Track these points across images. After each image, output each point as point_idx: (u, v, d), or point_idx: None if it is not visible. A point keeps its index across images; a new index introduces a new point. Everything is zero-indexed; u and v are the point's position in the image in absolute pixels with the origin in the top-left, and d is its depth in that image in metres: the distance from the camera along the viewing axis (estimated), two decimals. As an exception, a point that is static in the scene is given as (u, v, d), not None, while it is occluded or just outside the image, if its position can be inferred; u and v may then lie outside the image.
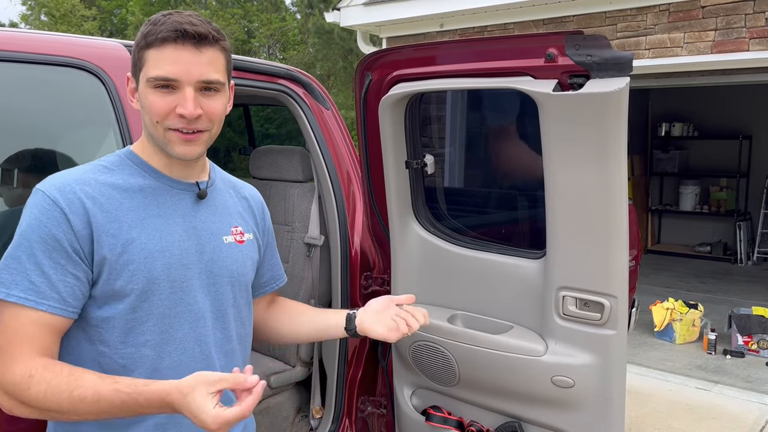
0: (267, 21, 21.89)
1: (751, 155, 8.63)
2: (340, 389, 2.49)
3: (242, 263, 1.43)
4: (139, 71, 1.25)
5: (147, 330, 1.26)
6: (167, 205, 1.31)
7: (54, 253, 1.18)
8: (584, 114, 1.57)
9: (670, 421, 3.92)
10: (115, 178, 1.28)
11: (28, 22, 24.35)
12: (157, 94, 1.23)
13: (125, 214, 1.25)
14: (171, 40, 1.20)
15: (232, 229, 1.42)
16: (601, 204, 1.64)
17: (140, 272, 1.24)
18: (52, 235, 1.18)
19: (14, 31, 1.82)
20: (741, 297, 6.70)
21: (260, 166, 2.86)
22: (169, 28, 1.20)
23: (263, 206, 1.59)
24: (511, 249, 1.98)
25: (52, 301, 1.18)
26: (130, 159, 1.32)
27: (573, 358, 1.78)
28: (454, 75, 1.86)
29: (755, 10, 4.86)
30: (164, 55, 1.21)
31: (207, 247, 1.34)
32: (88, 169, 1.28)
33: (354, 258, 2.46)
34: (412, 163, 2.08)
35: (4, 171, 1.73)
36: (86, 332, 1.25)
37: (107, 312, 1.24)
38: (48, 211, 1.19)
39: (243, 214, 1.48)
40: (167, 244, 1.28)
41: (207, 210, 1.37)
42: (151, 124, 1.26)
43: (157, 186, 1.31)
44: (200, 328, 1.33)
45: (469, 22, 6.33)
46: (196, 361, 1.31)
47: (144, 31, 1.24)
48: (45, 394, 1.14)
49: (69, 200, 1.20)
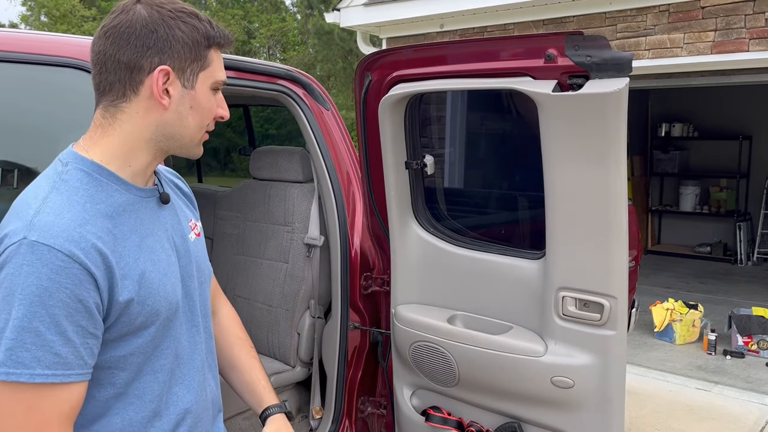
0: (267, 22, 21.90)
1: (751, 155, 8.63)
2: (340, 390, 2.49)
3: (205, 257, 1.38)
4: (201, 70, 1.16)
5: (163, 354, 1.20)
6: (146, 219, 1.19)
7: (77, 316, 1.02)
8: (584, 114, 1.57)
9: (670, 422, 3.91)
10: (97, 203, 1.11)
11: (28, 23, 24.37)
12: (213, 96, 1.21)
13: (124, 246, 1.12)
14: (226, 46, 1.22)
15: (189, 224, 1.34)
16: (600, 204, 1.64)
17: (159, 303, 1.15)
18: (77, 298, 1.02)
19: (14, 31, 1.82)
20: (741, 297, 6.69)
21: (260, 166, 2.86)
22: (225, 36, 1.20)
23: (185, 182, 1.49)
24: (510, 249, 1.98)
25: (78, 369, 1.04)
26: (99, 173, 1.13)
27: (573, 358, 1.78)
28: (454, 75, 1.87)
29: (755, 10, 4.86)
30: (220, 58, 1.21)
31: (182, 252, 1.27)
32: (69, 200, 1.08)
33: (354, 258, 2.46)
34: (411, 163, 2.08)
35: (4, 171, 1.73)
36: (93, 379, 1.11)
37: (124, 350, 1.13)
38: (66, 270, 1.01)
39: (188, 204, 1.41)
40: (165, 264, 1.19)
41: (169, 212, 1.28)
42: (200, 126, 1.19)
43: (132, 200, 1.17)
44: (196, 335, 1.30)
45: (469, 23, 6.34)
46: (196, 369, 1.29)
47: (204, 30, 1.15)
48: None
49: (86, 251, 1.04)
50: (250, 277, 2.85)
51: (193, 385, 1.26)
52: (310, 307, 2.67)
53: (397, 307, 2.19)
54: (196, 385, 1.27)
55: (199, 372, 1.29)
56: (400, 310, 2.17)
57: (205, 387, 1.31)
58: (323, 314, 2.70)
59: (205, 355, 1.34)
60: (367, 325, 2.49)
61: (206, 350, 1.34)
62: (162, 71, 1.11)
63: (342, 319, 2.46)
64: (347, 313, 2.46)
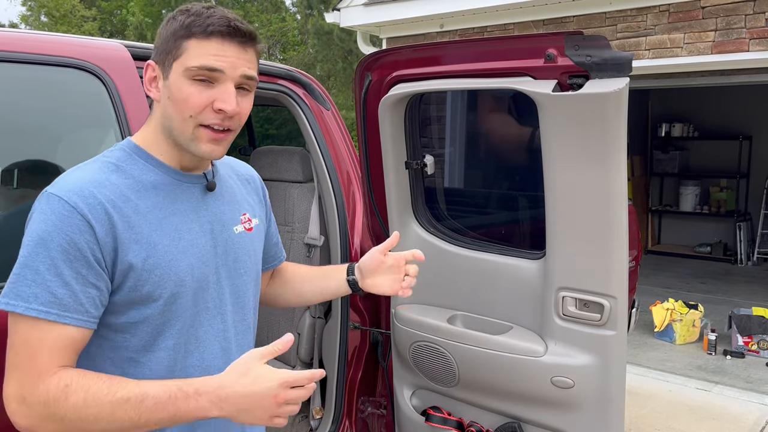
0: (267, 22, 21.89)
1: (751, 155, 8.63)
2: (340, 390, 2.49)
3: (253, 252, 1.41)
4: (175, 60, 1.19)
5: (175, 332, 1.24)
6: (180, 201, 1.26)
7: (76, 263, 1.11)
8: (584, 114, 1.57)
9: (670, 422, 3.91)
10: (127, 177, 1.21)
11: (28, 23, 24.36)
12: (195, 86, 1.18)
13: (144, 217, 1.19)
14: (219, 33, 1.17)
15: (241, 217, 1.39)
16: (600, 204, 1.64)
17: (167, 276, 1.20)
18: (74, 245, 1.11)
19: (14, 31, 1.82)
20: (741, 297, 6.69)
21: (260, 166, 2.86)
22: (221, 22, 1.17)
23: (262, 182, 1.58)
24: (510, 249, 1.98)
25: (76, 314, 1.12)
26: (137, 154, 1.25)
27: (573, 358, 1.78)
28: (454, 75, 1.87)
29: (755, 10, 4.86)
30: (210, 46, 1.17)
31: (220, 240, 1.32)
32: (98, 168, 1.21)
33: (354, 258, 2.46)
34: (411, 163, 2.08)
35: (4, 171, 1.73)
36: (109, 339, 1.21)
37: (134, 317, 1.20)
38: (68, 218, 1.11)
39: (248, 198, 1.46)
40: (187, 243, 1.25)
41: (216, 201, 1.34)
42: (181, 118, 1.20)
43: (169, 181, 1.25)
44: (220, 323, 1.32)
45: (469, 23, 6.34)
46: (216, 357, 1.30)
47: (185, 21, 1.19)
48: (85, 402, 1.09)
49: (91, 206, 1.13)
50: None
51: (206, 372, 1.26)
52: (309, 307, 2.67)
53: (397, 307, 2.19)
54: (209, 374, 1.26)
55: (217, 360, 1.30)
56: (400, 310, 2.17)
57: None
58: (323, 314, 2.70)
59: (234, 346, 1.34)
60: (367, 325, 2.49)
61: (235, 343, 1.35)
62: (149, 66, 1.24)
63: (342, 319, 2.46)
64: (347, 313, 2.46)
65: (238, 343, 1.37)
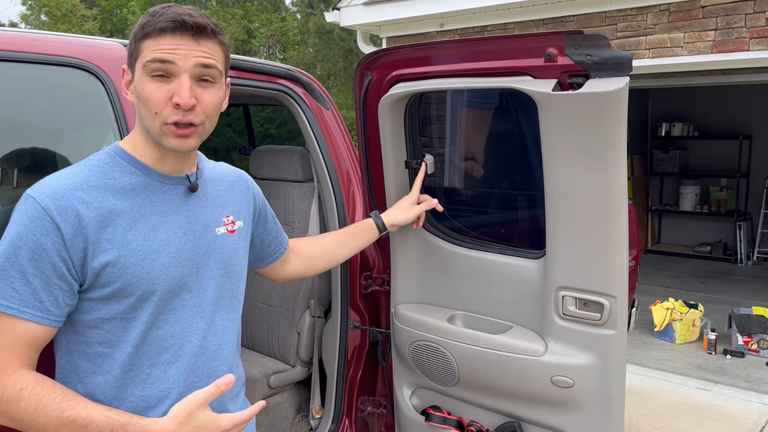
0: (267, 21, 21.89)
1: (751, 155, 8.63)
2: (339, 389, 2.49)
3: (235, 253, 1.43)
4: (135, 61, 1.24)
5: (147, 330, 1.27)
6: (160, 202, 1.29)
7: (41, 263, 1.16)
8: (584, 114, 1.57)
9: (670, 422, 3.91)
10: (107, 178, 1.25)
11: (28, 22, 24.35)
12: (153, 83, 1.21)
13: (119, 217, 1.23)
14: (169, 30, 1.19)
15: (223, 219, 1.42)
16: (600, 204, 1.64)
17: (138, 275, 1.23)
18: (40, 245, 1.16)
19: (14, 30, 1.82)
20: (741, 297, 6.69)
21: (260, 166, 2.86)
22: (168, 19, 1.19)
23: (253, 183, 1.60)
24: (510, 249, 1.98)
25: (35, 310, 1.17)
26: (120, 156, 1.29)
27: (573, 358, 1.78)
28: (454, 75, 1.86)
29: (755, 10, 4.86)
30: (162, 42, 1.20)
31: (201, 241, 1.34)
32: (79, 171, 1.25)
33: (354, 258, 2.46)
34: (411, 162, 2.08)
35: (3, 171, 1.73)
36: (83, 335, 1.25)
37: (106, 313, 1.24)
38: (37, 219, 1.16)
39: (235, 200, 1.48)
40: (162, 243, 1.27)
41: (198, 202, 1.36)
42: (149, 115, 1.23)
43: (149, 183, 1.29)
44: (200, 322, 1.33)
45: (469, 22, 6.33)
46: (195, 355, 1.32)
47: (142, 23, 1.23)
48: (35, 410, 1.13)
49: (61, 208, 1.17)
50: (250, 276, 2.84)
51: (182, 368, 1.30)
52: (309, 307, 2.67)
53: (397, 307, 2.19)
54: (184, 370, 1.31)
55: (193, 358, 1.32)
56: (400, 310, 2.17)
57: (200, 374, 1.34)
58: (323, 314, 2.70)
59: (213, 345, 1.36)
60: (367, 324, 2.49)
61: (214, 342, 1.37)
62: (123, 70, 1.30)
63: (342, 318, 2.46)
64: (347, 313, 2.46)
65: (219, 342, 1.39)
